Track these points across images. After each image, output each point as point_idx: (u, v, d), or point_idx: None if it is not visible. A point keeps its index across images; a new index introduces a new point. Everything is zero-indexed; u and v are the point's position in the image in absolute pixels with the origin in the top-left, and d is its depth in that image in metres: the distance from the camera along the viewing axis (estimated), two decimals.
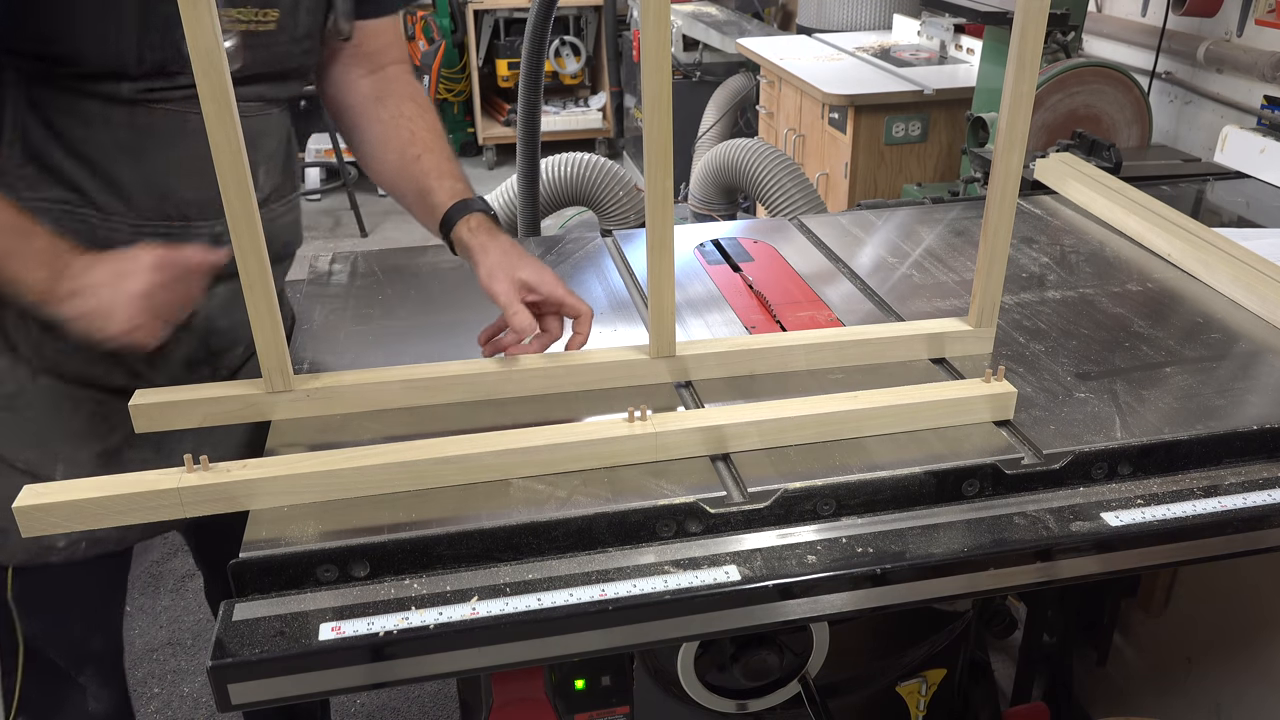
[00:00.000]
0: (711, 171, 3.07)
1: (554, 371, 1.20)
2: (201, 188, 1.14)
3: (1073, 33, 2.39)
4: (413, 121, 1.31)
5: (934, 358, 1.27)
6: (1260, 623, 1.60)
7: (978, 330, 1.27)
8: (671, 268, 1.16)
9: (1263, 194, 2.01)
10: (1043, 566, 1.02)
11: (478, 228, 1.22)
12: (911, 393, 1.14)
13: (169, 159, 1.14)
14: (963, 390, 1.14)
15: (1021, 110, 1.14)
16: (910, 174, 3.07)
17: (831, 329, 1.31)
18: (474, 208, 1.24)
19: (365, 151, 1.34)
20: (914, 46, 3.57)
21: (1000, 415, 1.14)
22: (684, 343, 1.22)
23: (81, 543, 1.23)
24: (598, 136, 5.92)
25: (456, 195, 1.26)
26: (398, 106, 1.32)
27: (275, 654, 0.88)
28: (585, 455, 1.06)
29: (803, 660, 1.25)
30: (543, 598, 0.93)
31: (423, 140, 1.31)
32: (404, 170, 1.30)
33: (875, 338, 1.26)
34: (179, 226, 1.17)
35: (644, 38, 1.08)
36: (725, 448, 1.09)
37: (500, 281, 1.16)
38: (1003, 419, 1.15)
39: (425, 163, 1.28)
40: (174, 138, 1.13)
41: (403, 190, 1.31)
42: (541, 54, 1.76)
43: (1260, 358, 1.30)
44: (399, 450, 1.03)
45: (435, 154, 1.30)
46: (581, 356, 1.21)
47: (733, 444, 1.09)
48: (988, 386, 1.14)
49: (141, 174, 1.13)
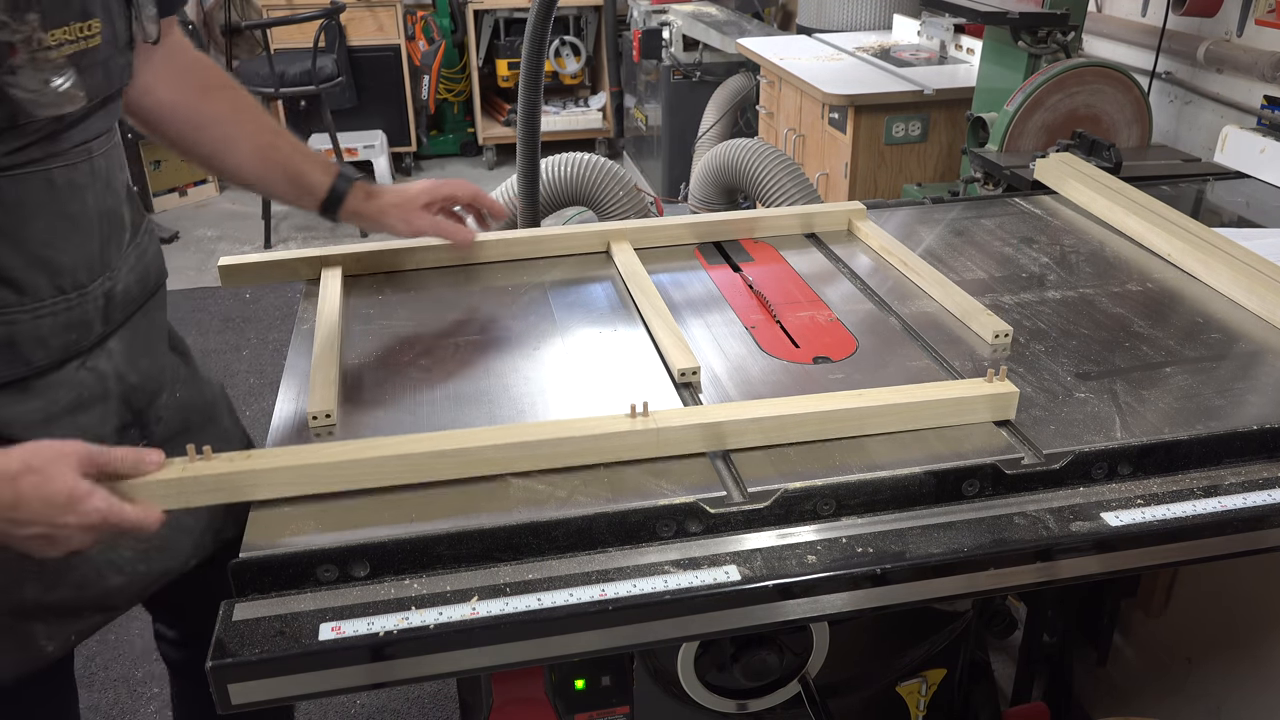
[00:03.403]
0: (711, 171, 3.07)
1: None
2: (82, 246, 1.10)
3: (1073, 33, 2.39)
4: (250, 109, 1.30)
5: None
6: (1260, 623, 1.60)
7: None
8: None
9: (1263, 194, 2.01)
10: (1043, 566, 1.02)
11: (366, 196, 1.28)
12: (913, 391, 1.14)
13: (43, 226, 1.05)
14: (964, 390, 1.14)
15: None
16: (910, 174, 3.07)
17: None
18: (353, 177, 1.30)
19: (211, 150, 1.31)
20: (914, 46, 3.57)
21: (1001, 415, 1.14)
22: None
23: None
24: (598, 136, 5.92)
25: (330, 171, 1.29)
26: (226, 98, 1.29)
27: (275, 654, 0.88)
28: (586, 450, 1.06)
29: (803, 660, 1.25)
30: (543, 598, 0.93)
31: (266, 124, 1.30)
32: (265, 159, 1.29)
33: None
34: (76, 298, 1.10)
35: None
36: (725, 445, 1.09)
37: (418, 220, 1.26)
38: (1003, 419, 1.15)
39: (283, 146, 1.29)
40: (44, 201, 1.05)
41: (269, 179, 1.30)
42: (541, 54, 1.76)
43: (1260, 358, 1.30)
44: (399, 444, 1.03)
45: (283, 135, 1.30)
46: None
47: (732, 441, 1.09)
48: (989, 386, 1.14)
49: (22, 253, 1.04)
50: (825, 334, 1.36)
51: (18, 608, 1.12)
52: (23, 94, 0.97)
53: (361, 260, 1.53)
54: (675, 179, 4.71)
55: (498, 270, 1.56)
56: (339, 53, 4.96)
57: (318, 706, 2.23)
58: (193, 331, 3.85)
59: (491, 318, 1.41)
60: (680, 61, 4.59)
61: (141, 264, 1.23)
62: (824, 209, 1.71)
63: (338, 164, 1.33)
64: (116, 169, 1.17)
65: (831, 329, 1.37)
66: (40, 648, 1.14)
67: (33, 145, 1.02)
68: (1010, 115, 2.26)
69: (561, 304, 1.45)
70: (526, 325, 1.39)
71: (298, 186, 1.29)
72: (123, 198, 1.18)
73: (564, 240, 1.60)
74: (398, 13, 5.37)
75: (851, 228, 1.69)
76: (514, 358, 1.30)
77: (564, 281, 1.52)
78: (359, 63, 5.39)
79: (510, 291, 1.49)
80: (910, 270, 1.51)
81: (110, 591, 1.19)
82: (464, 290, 1.50)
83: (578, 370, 1.27)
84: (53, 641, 1.15)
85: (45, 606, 1.14)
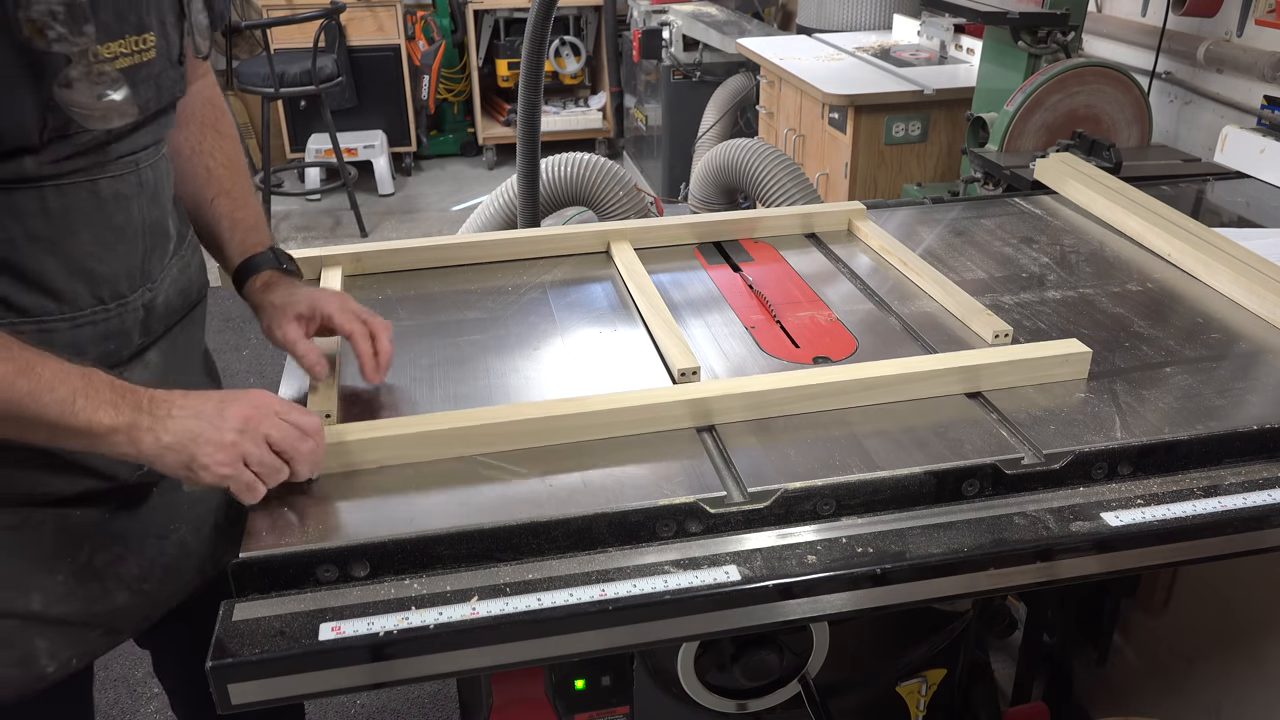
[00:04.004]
0: (711, 171, 3.07)
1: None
2: (125, 258, 1.10)
3: (1073, 33, 2.39)
4: (210, 157, 1.27)
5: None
6: (1260, 623, 1.60)
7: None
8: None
9: (1263, 194, 2.01)
10: (1043, 566, 1.02)
11: (263, 287, 1.23)
12: (888, 365, 1.19)
13: (88, 237, 1.06)
14: (938, 363, 1.19)
15: None
16: (910, 174, 3.07)
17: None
18: (261, 267, 1.24)
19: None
20: (914, 46, 3.57)
21: (972, 387, 1.19)
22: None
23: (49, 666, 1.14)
24: (598, 136, 5.92)
25: (246, 251, 1.25)
26: (198, 137, 1.27)
27: (275, 654, 0.88)
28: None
29: (803, 660, 1.25)
30: (543, 598, 0.93)
31: (219, 180, 1.27)
32: (198, 212, 1.27)
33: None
34: (115, 308, 1.10)
35: None
36: (712, 420, 1.14)
37: (282, 329, 1.18)
38: (974, 390, 1.19)
39: (219, 208, 1.26)
40: (89, 212, 1.05)
41: (196, 229, 1.28)
42: (541, 54, 1.76)
43: (1260, 358, 1.30)
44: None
45: (230, 196, 1.27)
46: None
47: (718, 418, 1.14)
48: (960, 358, 1.19)
49: (65, 263, 1.04)
50: (825, 334, 1.36)
51: (24, 616, 1.11)
52: (77, 107, 0.97)
53: (362, 260, 1.53)
54: (675, 179, 4.71)
55: (498, 270, 1.56)
56: (339, 53, 4.96)
57: (318, 706, 2.23)
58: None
59: (491, 318, 1.41)
60: (680, 61, 4.59)
61: (185, 276, 1.23)
62: (824, 209, 1.72)
63: (266, 242, 1.27)
64: (165, 180, 1.17)
65: (831, 329, 1.37)
66: (41, 667, 1.13)
67: (80, 155, 1.02)
68: (1010, 115, 2.26)
69: (561, 304, 1.45)
70: (526, 325, 1.39)
71: (217, 254, 1.28)
72: (169, 210, 1.18)
73: (564, 240, 1.60)
74: (398, 13, 5.37)
75: (851, 228, 1.69)
76: (514, 358, 1.30)
77: (564, 281, 1.53)
78: (359, 63, 5.39)
79: (510, 291, 1.49)
80: (910, 270, 1.51)
81: (117, 611, 1.19)
82: (464, 290, 1.50)
83: (578, 370, 1.27)
84: (54, 661, 1.14)
85: (51, 620, 1.13)
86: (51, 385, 0.93)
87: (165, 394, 0.98)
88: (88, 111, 0.98)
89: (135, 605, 1.21)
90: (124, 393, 0.96)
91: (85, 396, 0.93)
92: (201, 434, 0.95)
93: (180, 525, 1.25)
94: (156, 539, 1.22)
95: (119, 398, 0.95)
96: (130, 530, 1.19)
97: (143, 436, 0.95)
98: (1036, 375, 1.21)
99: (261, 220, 1.29)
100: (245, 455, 0.96)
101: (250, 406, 0.98)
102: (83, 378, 0.95)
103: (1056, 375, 1.22)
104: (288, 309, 1.18)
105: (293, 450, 0.99)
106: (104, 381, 0.96)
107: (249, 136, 5.43)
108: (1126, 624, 1.90)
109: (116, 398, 0.95)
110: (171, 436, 0.95)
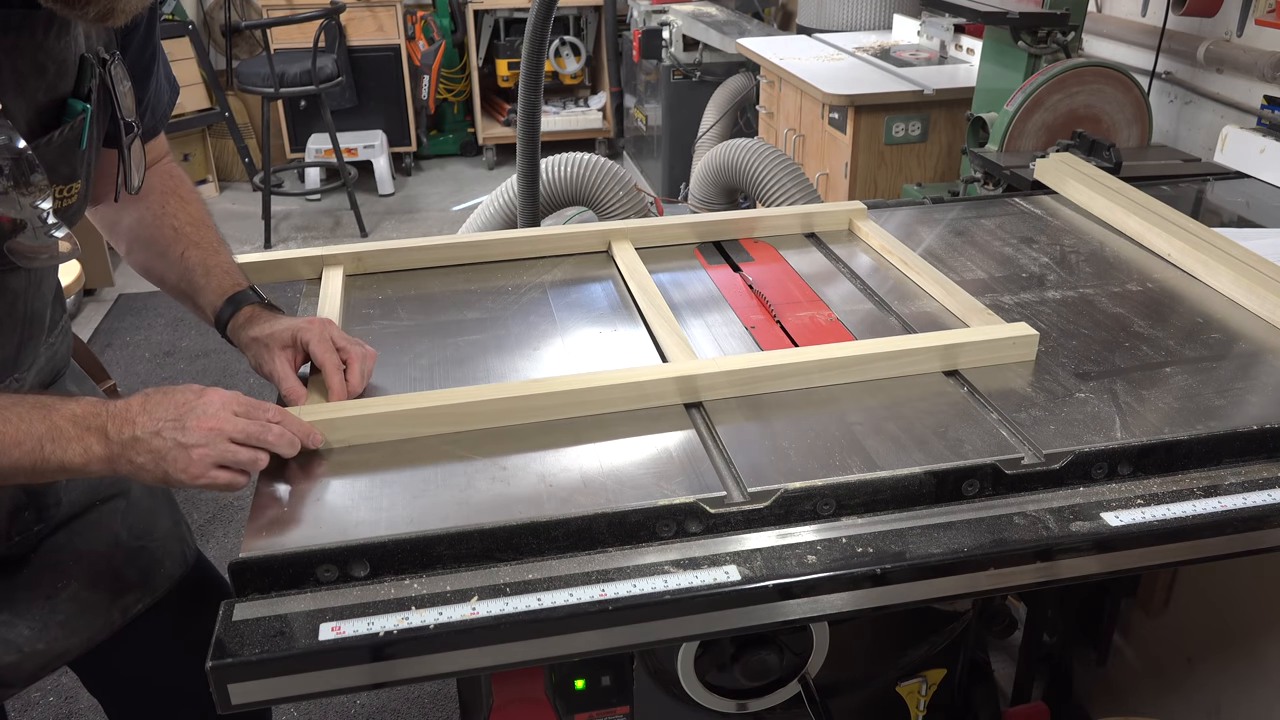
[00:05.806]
0: (711, 171, 3.07)
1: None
2: (3, 347, 1.12)
3: (1073, 33, 2.39)
4: (174, 218, 1.29)
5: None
6: (1260, 623, 1.60)
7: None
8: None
9: (1263, 194, 2.01)
10: (1043, 566, 1.02)
11: (245, 323, 1.23)
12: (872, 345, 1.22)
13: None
14: (915, 342, 1.23)
15: None
16: (910, 174, 3.07)
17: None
18: (241, 304, 1.25)
19: (125, 246, 1.32)
20: (914, 46, 3.57)
21: (950, 365, 1.24)
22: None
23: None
24: (598, 136, 5.92)
25: (224, 293, 1.25)
26: (160, 204, 1.29)
27: (275, 654, 0.88)
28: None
29: (803, 660, 1.25)
30: (543, 598, 0.93)
31: (186, 236, 1.29)
32: (168, 270, 1.29)
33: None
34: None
35: None
36: (699, 396, 1.17)
37: (271, 362, 1.18)
38: (952, 369, 1.24)
39: (190, 259, 1.27)
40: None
41: (169, 288, 1.30)
42: (541, 54, 1.75)
43: (1260, 358, 1.30)
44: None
45: (200, 248, 1.28)
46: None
47: (705, 394, 1.17)
48: (937, 338, 1.24)
49: None
50: (825, 334, 1.36)
51: None
52: (25, 254, 1.00)
53: (362, 260, 1.53)
54: (675, 179, 4.71)
55: (498, 270, 1.56)
56: (339, 53, 4.97)
57: (318, 706, 2.23)
58: (192, 332, 3.85)
59: (491, 318, 1.41)
60: (680, 61, 4.59)
61: (51, 364, 1.26)
62: (824, 209, 1.72)
63: (243, 283, 1.28)
64: (51, 272, 1.19)
65: (831, 329, 1.37)
66: None
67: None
68: (1010, 115, 2.26)
69: (562, 304, 1.45)
70: (526, 325, 1.39)
71: (193, 303, 1.28)
72: (49, 300, 1.20)
73: (564, 240, 1.60)
74: (398, 13, 5.37)
75: (852, 228, 1.69)
76: (514, 358, 1.30)
77: (564, 281, 1.53)
78: (359, 63, 5.39)
79: (510, 291, 1.49)
80: (910, 270, 1.51)
81: (6, 669, 1.19)
82: (464, 290, 1.50)
83: (578, 370, 1.27)
84: None
85: None
86: (17, 440, 0.96)
87: (123, 412, 0.99)
88: (33, 255, 1.01)
89: (26, 660, 1.21)
90: (86, 424, 0.98)
91: (52, 440, 0.97)
92: (167, 453, 0.98)
93: (69, 582, 1.25)
94: (45, 599, 1.23)
95: (83, 432, 0.98)
96: (15, 596, 1.19)
97: (116, 465, 0.99)
98: (999, 355, 1.27)
99: (235, 267, 1.30)
100: (217, 459, 0.99)
101: (208, 416, 1.00)
102: (44, 419, 0.97)
103: (1010, 356, 1.28)
104: (271, 342, 1.19)
105: (261, 441, 1.02)
106: (65, 417, 0.98)
107: (249, 137, 5.44)
108: (1126, 624, 1.90)
109: (81, 432, 0.98)
110: (143, 458, 0.98)
